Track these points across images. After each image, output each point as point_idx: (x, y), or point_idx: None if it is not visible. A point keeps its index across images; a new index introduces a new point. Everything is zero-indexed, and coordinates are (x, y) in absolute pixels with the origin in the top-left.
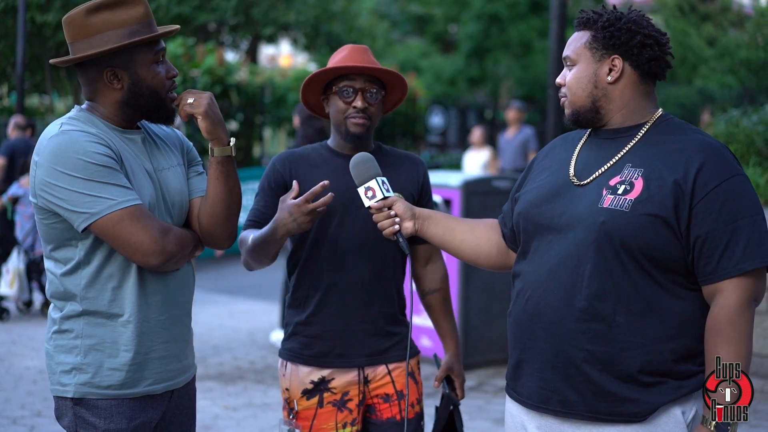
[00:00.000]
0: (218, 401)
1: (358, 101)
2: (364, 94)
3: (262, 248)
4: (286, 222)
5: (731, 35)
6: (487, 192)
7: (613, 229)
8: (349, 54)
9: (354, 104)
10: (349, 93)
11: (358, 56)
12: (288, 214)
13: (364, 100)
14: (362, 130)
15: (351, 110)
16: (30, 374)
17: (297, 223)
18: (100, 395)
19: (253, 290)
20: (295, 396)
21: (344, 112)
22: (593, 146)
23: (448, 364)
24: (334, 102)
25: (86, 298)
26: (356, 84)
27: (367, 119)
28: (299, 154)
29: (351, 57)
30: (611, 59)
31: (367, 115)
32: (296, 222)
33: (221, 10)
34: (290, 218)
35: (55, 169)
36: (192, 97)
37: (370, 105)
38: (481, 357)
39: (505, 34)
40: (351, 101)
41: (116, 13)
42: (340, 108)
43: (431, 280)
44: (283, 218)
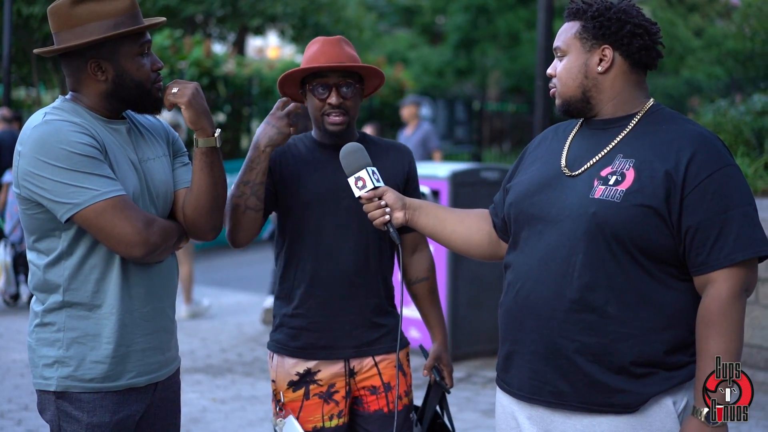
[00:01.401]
0: (206, 394)
1: (332, 97)
2: (339, 89)
3: (248, 174)
4: (266, 130)
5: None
6: (475, 183)
7: (605, 220)
8: (321, 48)
9: (329, 101)
10: (323, 90)
11: (330, 50)
12: (266, 124)
13: (338, 95)
14: (340, 128)
15: (327, 107)
16: (17, 367)
17: (277, 129)
18: (83, 388)
19: (241, 282)
20: (281, 388)
21: (320, 109)
22: (585, 137)
23: (437, 353)
24: (310, 98)
25: (69, 289)
26: (330, 80)
27: (344, 115)
28: (286, 144)
29: (323, 52)
30: (601, 49)
31: (343, 110)
32: (275, 127)
33: (208, 2)
34: (269, 126)
35: (38, 159)
36: (177, 86)
37: (345, 99)
38: (469, 348)
39: (493, 25)
40: (325, 98)
41: (102, 4)
42: (316, 105)
43: (418, 269)
44: (263, 129)
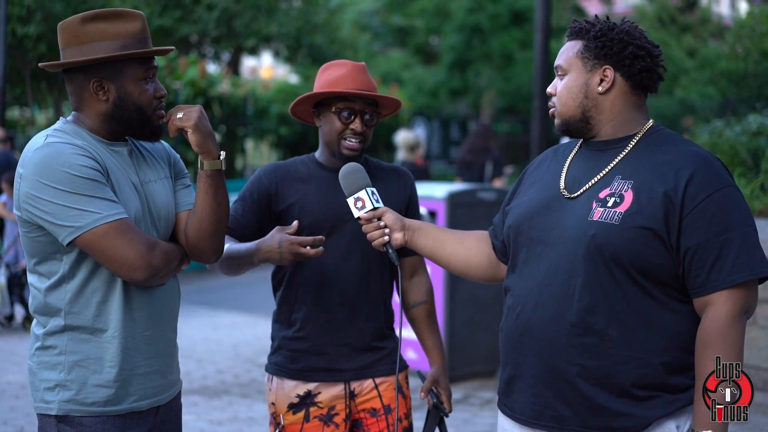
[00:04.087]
0: (203, 415)
1: (356, 124)
2: (363, 116)
3: (236, 263)
4: (271, 250)
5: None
6: (473, 203)
7: (603, 242)
8: (351, 73)
9: (352, 126)
10: (348, 115)
11: (360, 77)
12: (276, 245)
13: (362, 123)
14: (355, 154)
15: (348, 132)
16: (12, 389)
17: (280, 256)
18: (85, 412)
19: (237, 303)
20: (281, 410)
21: (340, 132)
22: (583, 158)
23: (434, 376)
24: (330, 119)
25: (70, 312)
26: (356, 106)
27: (362, 142)
28: (286, 167)
29: (353, 78)
30: (602, 69)
31: (362, 138)
32: (281, 255)
33: (203, 22)
34: (277, 249)
35: (40, 181)
36: (181, 111)
37: (367, 128)
38: (467, 369)
39: (487, 45)
40: (349, 123)
41: (112, 24)
42: (336, 128)
43: (417, 292)
44: (269, 246)
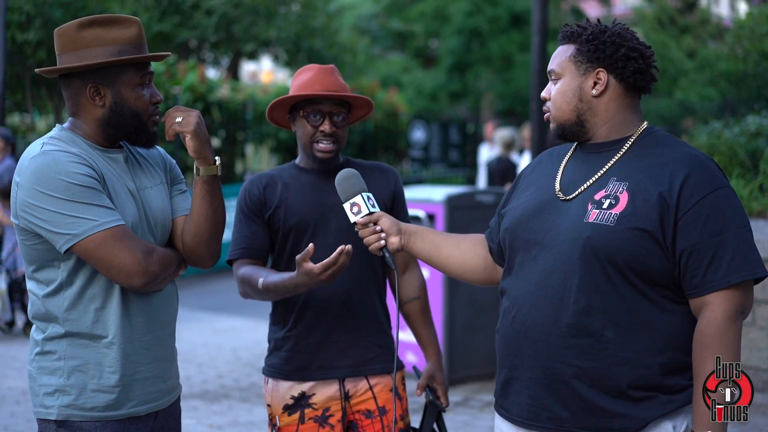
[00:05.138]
0: (203, 420)
1: (325, 125)
2: (332, 117)
3: (280, 295)
4: (308, 284)
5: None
6: (471, 206)
7: (599, 244)
8: (316, 76)
9: (322, 128)
10: (317, 117)
11: (326, 78)
12: (309, 279)
13: (331, 124)
14: (329, 156)
15: (318, 134)
16: (13, 395)
17: (322, 282)
18: (84, 417)
19: (236, 307)
20: (276, 412)
21: (311, 135)
22: (579, 160)
23: (430, 372)
24: (302, 124)
25: (69, 319)
26: (324, 108)
27: (334, 143)
28: (269, 174)
29: (318, 80)
30: (596, 72)
31: (335, 139)
32: (314, 282)
33: (202, 27)
34: (312, 282)
35: (37, 190)
36: (180, 115)
37: (337, 128)
38: (466, 372)
39: (486, 48)
40: (318, 125)
41: (109, 30)
42: (307, 131)
43: (409, 289)
44: (305, 282)
